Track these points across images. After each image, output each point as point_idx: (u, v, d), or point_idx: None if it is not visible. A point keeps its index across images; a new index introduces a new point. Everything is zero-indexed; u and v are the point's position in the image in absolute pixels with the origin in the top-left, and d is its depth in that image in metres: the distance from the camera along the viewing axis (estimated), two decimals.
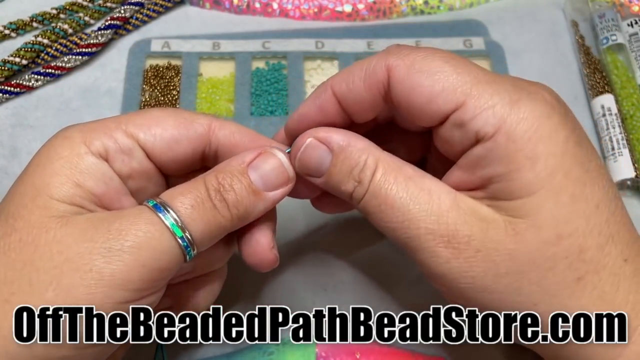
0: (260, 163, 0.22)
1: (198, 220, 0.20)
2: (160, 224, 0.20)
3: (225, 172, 0.22)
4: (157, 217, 0.20)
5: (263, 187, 0.22)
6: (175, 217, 0.20)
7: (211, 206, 0.21)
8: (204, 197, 0.21)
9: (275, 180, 0.22)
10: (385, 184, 0.21)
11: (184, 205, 0.20)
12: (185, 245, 0.20)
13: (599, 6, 0.38)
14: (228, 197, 0.21)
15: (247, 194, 0.21)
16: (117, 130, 0.22)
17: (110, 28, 0.37)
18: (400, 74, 0.21)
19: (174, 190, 0.21)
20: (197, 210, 0.20)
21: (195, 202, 0.21)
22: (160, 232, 0.20)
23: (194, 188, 0.21)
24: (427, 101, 0.20)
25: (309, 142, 0.22)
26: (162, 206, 0.20)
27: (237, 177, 0.21)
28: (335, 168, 0.22)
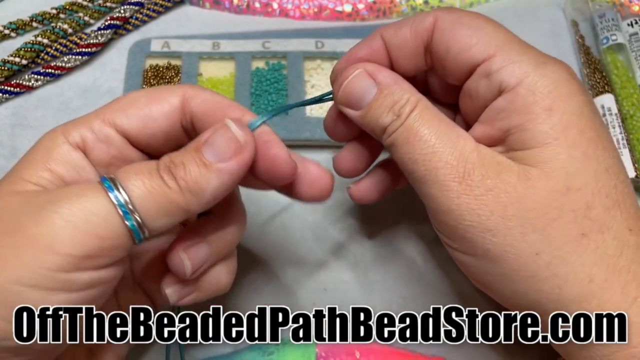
0: (213, 137, 0.21)
1: (147, 200, 0.20)
2: (106, 199, 0.19)
3: (180, 151, 0.21)
4: (105, 191, 0.20)
5: (214, 158, 0.21)
6: (125, 196, 0.19)
7: (160, 183, 0.20)
8: (155, 174, 0.20)
9: (225, 149, 0.21)
10: (421, 119, 0.22)
11: (137, 184, 0.20)
12: (132, 226, 0.20)
13: (599, 6, 0.38)
14: (176, 171, 0.20)
15: (196, 166, 0.20)
16: (95, 120, 0.23)
17: (110, 28, 0.37)
18: (444, 23, 0.23)
19: (129, 167, 0.21)
20: (147, 188, 0.20)
21: (146, 181, 0.20)
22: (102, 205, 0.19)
23: (147, 166, 0.21)
24: (464, 49, 0.22)
25: (358, 73, 0.24)
26: (113, 184, 0.20)
27: (189, 153, 0.21)
28: (377, 102, 0.23)
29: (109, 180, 0.20)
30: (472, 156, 0.22)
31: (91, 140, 0.22)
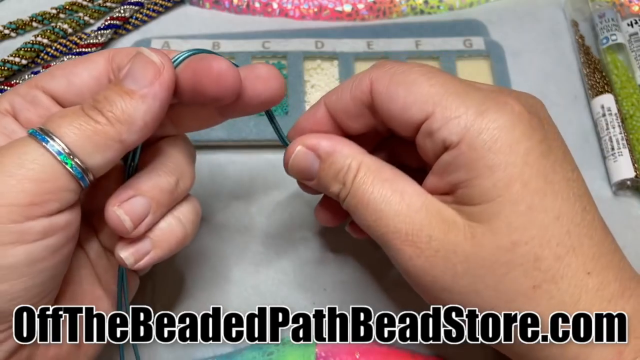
0: (130, 68, 0.21)
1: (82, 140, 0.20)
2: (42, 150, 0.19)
3: (102, 90, 0.21)
4: (38, 143, 0.20)
5: (136, 86, 0.21)
6: (60, 144, 0.20)
7: (88, 119, 0.20)
8: (81, 114, 0.20)
9: (143, 74, 0.21)
10: (363, 185, 0.23)
11: (64, 126, 0.20)
12: (74, 169, 0.20)
13: (599, 6, 0.38)
14: (101, 106, 0.20)
15: (120, 97, 0.20)
16: (23, 86, 0.23)
17: (110, 28, 0.37)
18: (380, 86, 0.23)
19: (55, 115, 0.21)
20: (77, 129, 0.20)
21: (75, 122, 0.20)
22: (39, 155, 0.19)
23: (72, 109, 0.21)
24: (402, 111, 0.22)
25: (299, 150, 0.24)
26: (44, 134, 0.20)
27: (111, 88, 0.21)
28: (323, 172, 0.24)
29: (38, 131, 0.20)
30: (418, 216, 0.22)
31: (19, 104, 0.23)
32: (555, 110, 0.36)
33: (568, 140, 0.22)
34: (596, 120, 0.35)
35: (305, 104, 0.35)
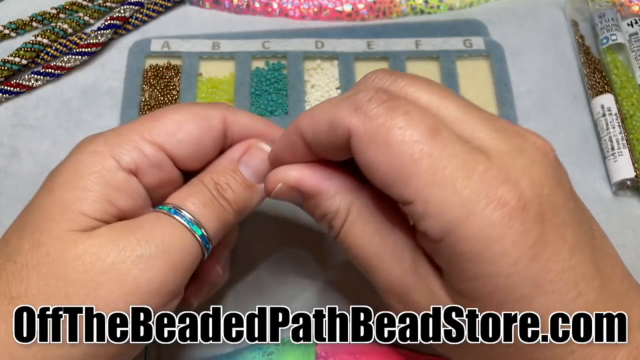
0: (249, 159, 0.23)
1: (210, 217, 0.22)
2: (180, 226, 0.21)
3: (219, 172, 0.23)
4: (175, 219, 0.21)
5: (255, 180, 0.23)
6: (191, 216, 0.22)
7: (218, 204, 0.22)
8: (210, 196, 0.22)
9: (265, 172, 0.23)
10: (352, 234, 0.21)
11: (195, 205, 0.22)
12: (204, 241, 0.22)
13: (599, 6, 0.38)
14: (228, 195, 0.23)
15: (243, 189, 0.23)
16: (144, 143, 0.22)
17: (110, 28, 0.37)
18: (360, 146, 0.19)
19: (179, 194, 0.22)
20: (207, 208, 0.22)
21: (204, 201, 0.22)
22: (181, 232, 0.21)
23: (197, 189, 0.22)
24: (382, 185, 0.19)
25: (279, 188, 0.22)
26: (175, 209, 0.22)
27: (231, 175, 0.23)
28: (309, 209, 0.23)
29: (175, 209, 0.22)
30: (406, 280, 0.21)
31: (145, 165, 0.22)
32: (555, 110, 0.36)
33: (568, 141, 0.22)
34: (596, 120, 0.35)
35: (305, 104, 0.35)
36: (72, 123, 0.35)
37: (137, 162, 0.22)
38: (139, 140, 0.22)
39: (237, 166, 0.23)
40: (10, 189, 0.33)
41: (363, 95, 0.19)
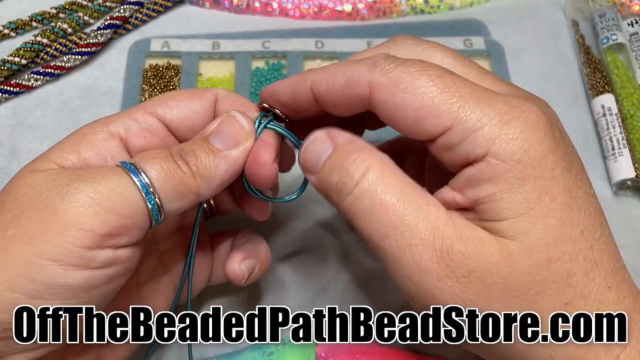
0: (220, 127, 0.23)
1: (165, 183, 0.21)
2: (129, 180, 0.21)
3: (189, 141, 0.23)
4: (127, 174, 0.21)
5: (221, 145, 0.22)
6: (147, 181, 0.21)
7: (175, 167, 0.21)
8: (170, 159, 0.22)
9: (231, 136, 0.22)
10: (382, 184, 0.20)
11: (154, 168, 0.21)
12: (153, 207, 0.21)
13: (599, 5, 0.38)
14: (188, 158, 0.22)
15: (206, 153, 0.22)
16: (138, 111, 0.24)
17: (110, 28, 0.37)
18: (383, 94, 0.20)
19: (146, 155, 0.22)
20: (164, 172, 0.21)
21: (164, 165, 0.21)
22: (125, 185, 0.20)
23: (161, 153, 0.22)
24: (414, 124, 0.20)
25: (317, 135, 0.22)
26: (135, 168, 0.21)
27: (198, 142, 0.23)
28: (332, 160, 0.21)
29: (130, 164, 0.21)
30: (447, 229, 0.19)
31: (135, 129, 0.23)
32: (556, 110, 0.36)
33: None
34: (596, 120, 0.35)
35: None
36: (72, 123, 0.35)
37: (126, 127, 0.23)
38: (134, 111, 0.24)
39: (208, 135, 0.23)
40: None
41: (379, 56, 0.21)
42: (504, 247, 0.19)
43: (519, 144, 0.19)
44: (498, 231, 0.20)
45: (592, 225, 0.20)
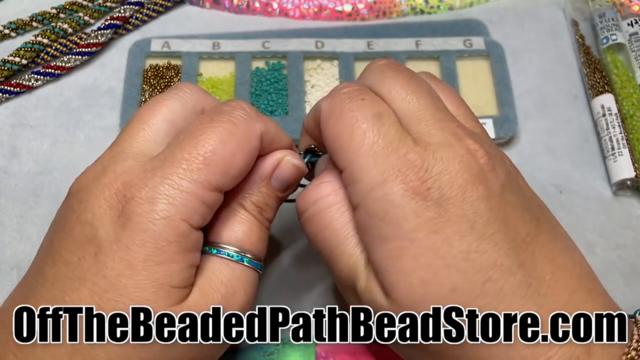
0: (280, 173, 0.24)
1: (258, 242, 0.24)
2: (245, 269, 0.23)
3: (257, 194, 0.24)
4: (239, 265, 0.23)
5: (280, 189, 0.25)
6: (251, 256, 0.23)
7: (262, 225, 0.24)
8: (256, 223, 0.24)
9: (292, 184, 0.25)
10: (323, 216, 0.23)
11: (251, 239, 0.23)
12: (259, 268, 0.24)
13: (599, 5, 0.38)
14: (268, 216, 0.24)
15: (276, 203, 0.25)
16: (205, 192, 0.21)
17: (110, 28, 0.37)
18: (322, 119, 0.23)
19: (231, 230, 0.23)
20: (255, 235, 0.24)
21: (255, 230, 0.24)
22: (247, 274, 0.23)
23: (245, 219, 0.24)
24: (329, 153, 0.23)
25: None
26: (239, 254, 0.23)
27: (267, 193, 0.24)
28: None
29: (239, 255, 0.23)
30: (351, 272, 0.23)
31: (208, 215, 0.22)
32: (555, 110, 0.36)
33: (568, 140, 0.22)
34: (596, 120, 0.35)
35: (305, 104, 0.35)
36: (72, 123, 0.35)
37: (204, 217, 0.22)
38: (201, 194, 0.21)
39: (270, 182, 0.24)
40: (11, 189, 0.33)
41: (340, 86, 0.23)
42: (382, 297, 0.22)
43: (382, 205, 0.21)
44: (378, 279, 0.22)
45: (468, 283, 0.20)
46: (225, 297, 0.22)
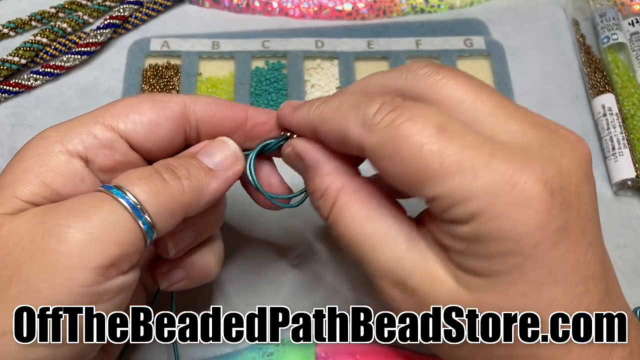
0: (209, 148, 0.23)
1: (154, 201, 0.20)
2: (118, 205, 0.20)
3: (177, 157, 0.23)
4: (114, 199, 0.20)
5: (212, 165, 0.23)
6: (134, 199, 0.20)
7: (164, 183, 0.21)
8: (159, 178, 0.21)
9: (222, 160, 0.23)
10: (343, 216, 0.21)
11: (142, 187, 0.20)
12: (146, 226, 0.20)
13: (599, 5, 0.38)
14: (179, 172, 0.21)
15: (197, 169, 0.22)
16: (95, 125, 0.22)
17: (109, 27, 0.37)
18: (374, 156, 0.20)
19: (127, 174, 0.21)
20: (152, 190, 0.20)
21: (153, 184, 0.21)
22: (117, 211, 0.20)
23: (148, 171, 0.21)
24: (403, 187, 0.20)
25: (288, 151, 0.24)
26: (119, 189, 0.20)
27: (187, 159, 0.22)
28: (306, 182, 0.23)
29: (115, 188, 0.20)
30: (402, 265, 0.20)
31: (94, 146, 0.22)
32: (556, 110, 0.36)
33: None
34: (597, 120, 0.35)
35: None
36: None
37: (85, 145, 0.21)
38: (90, 124, 0.22)
39: (196, 154, 0.23)
40: None
41: (371, 109, 0.20)
42: (455, 294, 0.20)
43: (500, 225, 0.18)
44: (457, 276, 0.20)
45: (567, 296, 0.19)
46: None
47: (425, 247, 0.21)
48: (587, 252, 0.19)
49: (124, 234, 0.20)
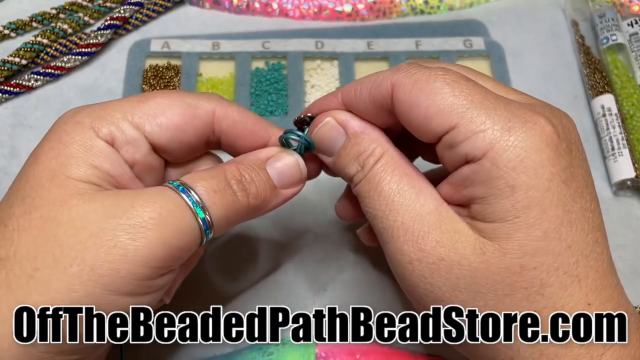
0: (276, 161, 0.24)
1: (218, 205, 0.21)
2: (183, 203, 0.21)
3: (246, 164, 0.23)
4: (180, 196, 0.21)
5: (279, 183, 0.23)
6: (197, 198, 0.21)
7: (231, 193, 0.22)
8: (225, 184, 0.22)
9: (289, 179, 0.24)
10: (382, 173, 0.22)
11: (206, 188, 0.21)
12: (205, 227, 0.21)
13: (599, 6, 0.38)
14: (250, 188, 0.22)
15: (266, 187, 0.23)
16: (124, 121, 0.22)
17: (110, 28, 0.37)
18: (402, 92, 0.21)
19: (194, 175, 0.22)
20: (218, 195, 0.21)
21: (217, 188, 0.21)
22: (182, 210, 0.21)
23: (215, 175, 0.22)
24: (424, 121, 0.21)
25: (328, 121, 0.24)
26: (184, 187, 0.21)
27: (257, 171, 0.23)
28: (345, 150, 0.23)
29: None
30: (429, 218, 0.21)
31: (120, 140, 0.22)
32: None
33: None
34: (596, 120, 0.35)
35: (305, 104, 0.35)
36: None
37: (113, 135, 0.22)
38: (119, 118, 0.22)
39: (264, 164, 0.23)
40: None
41: (403, 63, 0.23)
42: (479, 244, 0.20)
43: (516, 152, 0.20)
44: (481, 231, 0.21)
45: (582, 241, 0.20)
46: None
47: (450, 209, 0.22)
48: (591, 203, 0.21)
49: (188, 243, 0.21)
